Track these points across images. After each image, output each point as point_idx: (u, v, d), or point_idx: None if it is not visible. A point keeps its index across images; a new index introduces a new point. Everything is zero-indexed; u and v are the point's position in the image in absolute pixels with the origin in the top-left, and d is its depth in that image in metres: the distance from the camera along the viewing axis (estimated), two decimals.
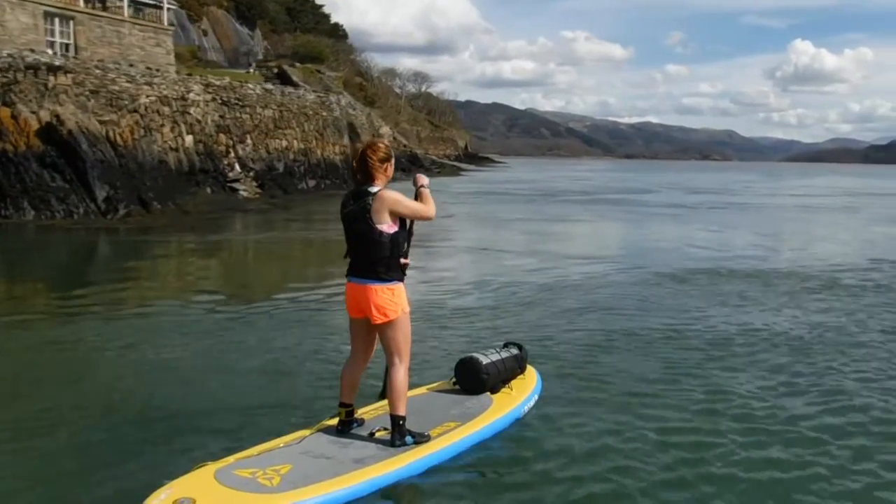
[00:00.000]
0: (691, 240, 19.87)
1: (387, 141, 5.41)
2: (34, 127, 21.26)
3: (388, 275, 4.94)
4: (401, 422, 5.01)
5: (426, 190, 5.19)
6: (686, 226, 24.25)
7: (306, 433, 5.12)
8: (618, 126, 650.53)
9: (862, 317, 10.04)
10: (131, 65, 27.47)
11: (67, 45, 27.91)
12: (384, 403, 5.39)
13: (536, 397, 6.07)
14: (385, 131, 60.56)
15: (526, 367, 6.39)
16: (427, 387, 6.21)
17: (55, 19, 27.50)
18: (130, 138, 24.83)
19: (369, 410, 5.57)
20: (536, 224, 24.19)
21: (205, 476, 4.38)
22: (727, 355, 7.87)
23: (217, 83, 31.06)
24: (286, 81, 48.06)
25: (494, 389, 6.00)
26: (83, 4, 28.91)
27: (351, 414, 5.25)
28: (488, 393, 5.97)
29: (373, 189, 4.92)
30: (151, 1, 34.56)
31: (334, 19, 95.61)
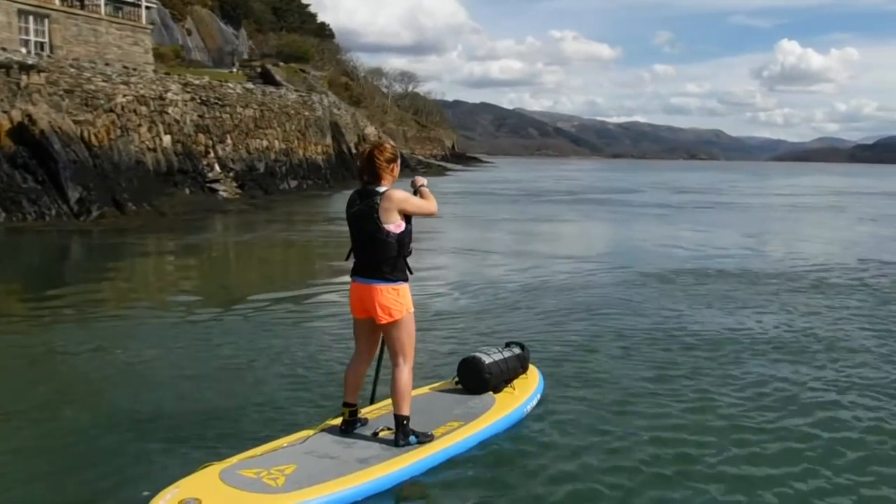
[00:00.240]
0: (676, 239, 19.67)
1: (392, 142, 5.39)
2: (5, 127, 20.80)
3: (394, 275, 5.00)
4: (405, 421, 5.05)
5: (426, 189, 5.25)
6: (671, 226, 24.02)
7: (310, 433, 5.13)
8: (606, 126, 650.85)
9: (849, 316, 9.98)
10: (107, 64, 27.00)
11: (42, 44, 27.41)
12: (387, 403, 5.47)
13: (539, 396, 6.11)
14: (370, 131, 60.13)
15: (528, 367, 6.41)
16: (430, 386, 6.23)
17: (29, 17, 27.00)
18: (106, 138, 24.41)
19: (373, 410, 5.58)
20: (521, 224, 23.94)
21: (210, 476, 4.39)
22: (717, 355, 7.85)
23: (196, 82, 30.61)
24: (269, 81, 47.65)
25: (497, 389, 6.03)
26: (59, 3, 28.40)
27: (355, 414, 5.29)
28: (491, 392, 5.99)
29: (380, 189, 4.97)
30: None
31: (322, 19, 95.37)
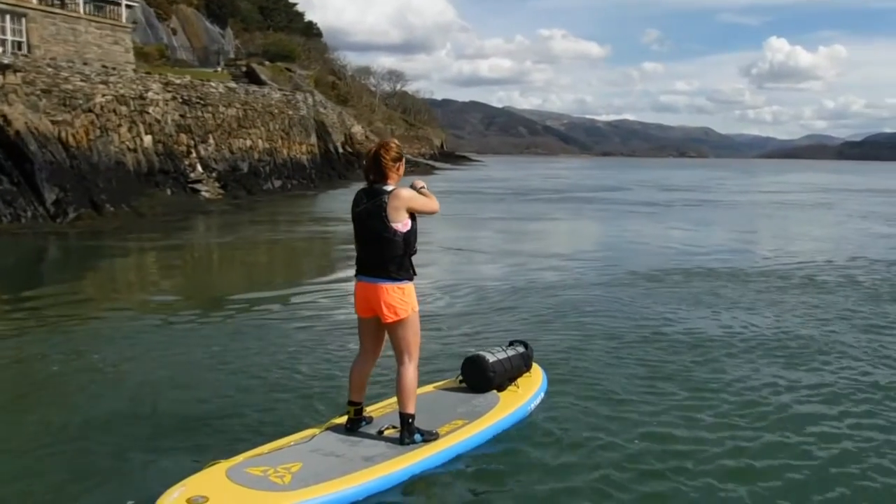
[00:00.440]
0: (664, 238, 19.64)
1: (380, 141, 5.42)
2: None
3: (399, 274, 5.01)
4: (410, 420, 5.05)
5: (426, 190, 5.26)
6: (659, 224, 23.98)
7: (315, 431, 5.15)
8: (595, 124, 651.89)
9: (838, 314, 10.00)
10: (86, 63, 26.63)
11: (20, 44, 27.00)
12: (392, 402, 5.51)
13: (543, 395, 6.11)
14: (357, 130, 59.86)
15: (532, 365, 6.40)
16: (433, 385, 6.24)
17: (6, 16, 26.59)
18: (85, 139, 24.07)
19: (377, 408, 5.62)
20: (507, 223, 23.82)
21: (216, 474, 4.41)
22: (707, 354, 7.87)
23: (177, 82, 30.28)
24: (255, 80, 47.27)
25: (501, 387, 6.04)
26: (36, 2, 28.00)
27: (360, 412, 5.30)
28: (495, 391, 6.00)
29: (387, 188, 5.00)
30: None
31: (310, 18, 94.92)
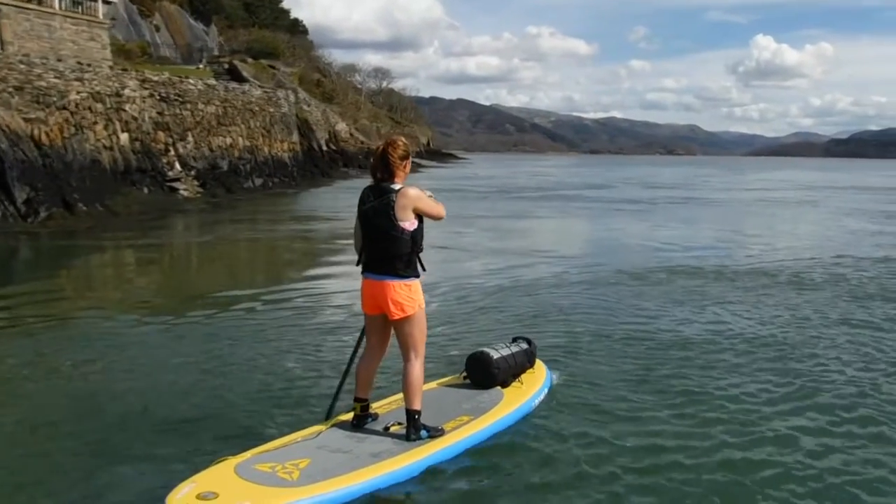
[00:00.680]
0: (647, 236, 19.52)
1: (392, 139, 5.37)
2: None
3: (406, 271, 5.05)
4: (416, 416, 5.10)
5: (432, 196, 5.28)
6: (643, 222, 23.83)
7: (322, 428, 5.20)
8: (582, 121, 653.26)
9: (826, 312, 10.00)
10: (60, 60, 26.23)
11: None
12: (397, 398, 5.62)
13: (546, 391, 6.17)
14: (341, 128, 59.53)
15: (535, 361, 6.48)
16: (437, 381, 6.28)
17: None
18: (59, 137, 23.62)
19: (383, 405, 5.65)
20: (490, 221, 23.59)
21: (225, 470, 4.44)
22: (697, 353, 7.85)
23: (154, 79, 29.86)
24: (237, 77, 46.86)
25: (505, 383, 6.10)
26: None
27: (366, 409, 5.35)
28: (499, 387, 6.06)
29: (395, 186, 5.02)
30: None
31: (297, 15, 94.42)
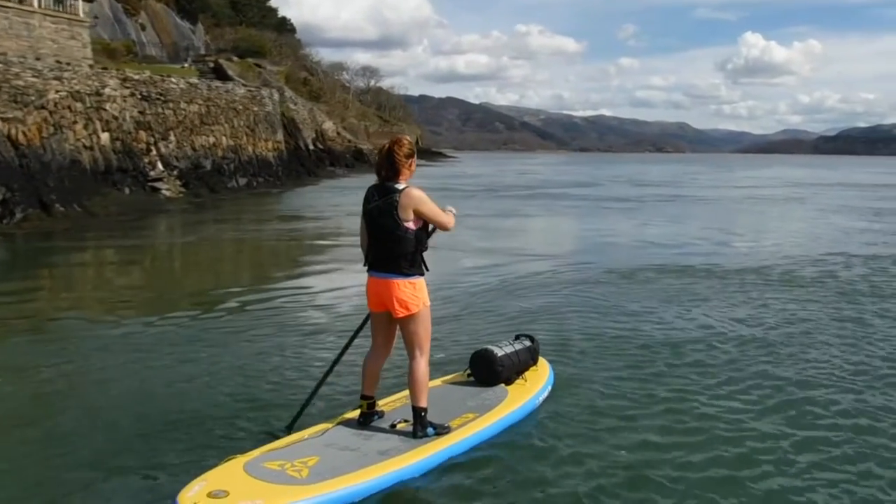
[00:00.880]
0: (635, 235, 19.45)
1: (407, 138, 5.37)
2: None
3: (411, 270, 5.07)
4: (423, 413, 5.14)
5: (452, 211, 5.34)
6: (630, 220, 23.72)
7: (328, 426, 5.22)
8: (572, 119, 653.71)
9: (816, 311, 9.94)
10: (39, 58, 25.85)
11: None
12: (402, 395, 5.67)
13: (550, 388, 6.22)
14: (328, 126, 59.24)
15: (538, 359, 6.52)
16: (442, 379, 6.30)
17: None
18: (38, 136, 23.25)
19: (389, 402, 5.70)
20: (476, 220, 23.23)
21: (234, 469, 4.47)
22: (687, 353, 7.81)
23: (136, 77, 29.47)
24: (222, 76, 46.49)
25: (509, 381, 6.14)
26: None
27: (372, 406, 5.39)
28: (503, 384, 6.10)
29: (399, 186, 5.03)
30: None
31: (285, 14, 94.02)
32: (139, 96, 29.09)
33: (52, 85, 24.53)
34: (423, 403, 5.13)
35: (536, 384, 6.15)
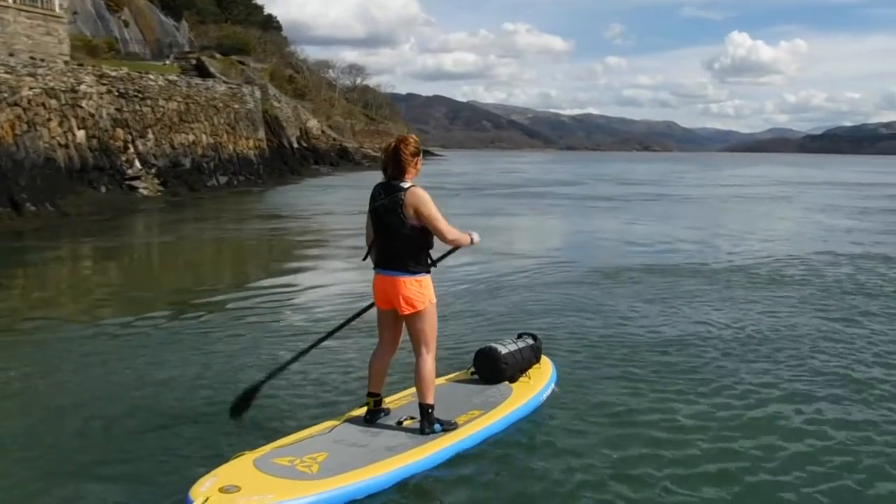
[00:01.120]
0: (620, 234, 19.29)
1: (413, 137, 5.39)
2: None
3: (417, 267, 5.11)
4: (430, 410, 5.19)
5: (471, 237, 5.39)
6: (615, 220, 23.49)
7: (335, 423, 5.25)
8: (559, 118, 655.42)
9: (805, 309, 9.93)
10: (11, 54, 25.34)
11: None
12: (408, 393, 5.75)
13: (553, 385, 6.28)
14: (313, 124, 58.79)
15: (541, 357, 6.55)
16: (446, 377, 6.31)
17: None
18: (10, 134, 22.78)
19: (395, 399, 5.75)
20: (459, 219, 22.51)
21: (244, 464, 4.50)
22: (677, 353, 7.75)
23: (112, 74, 28.97)
24: (204, 73, 45.97)
25: (513, 378, 6.20)
26: None
27: (379, 403, 5.43)
28: (507, 382, 6.15)
29: (405, 184, 5.07)
30: None
31: (272, 12, 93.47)
32: (116, 93, 28.62)
33: (26, 81, 24.04)
34: (431, 400, 5.20)
35: (540, 382, 6.22)
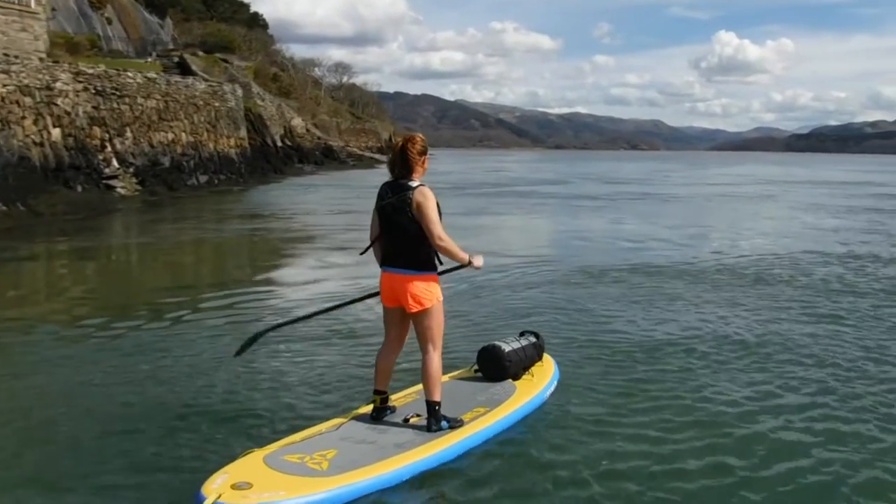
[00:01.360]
0: (606, 234, 19.19)
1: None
2: None
3: (424, 266, 5.14)
4: (436, 407, 5.22)
5: (471, 259, 5.34)
6: (600, 219, 23.38)
7: (342, 421, 5.29)
8: (547, 117, 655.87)
9: (789, 308, 9.91)
10: None
11: None
12: (414, 391, 5.80)
13: (556, 383, 6.32)
14: (297, 123, 58.31)
15: (543, 355, 6.60)
16: (449, 375, 6.30)
17: None
18: None
19: (400, 397, 5.78)
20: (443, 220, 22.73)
21: (255, 461, 4.54)
22: (666, 355, 7.70)
23: (89, 71, 28.47)
24: (186, 71, 45.44)
25: (516, 376, 6.24)
26: None
27: (385, 401, 5.45)
28: (510, 380, 6.19)
29: (413, 183, 5.12)
30: None
31: (259, 10, 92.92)
32: (93, 91, 28.14)
33: (0, 79, 23.54)
34: (437, 397, 5.22)
35: (543, 379, 6.26)
